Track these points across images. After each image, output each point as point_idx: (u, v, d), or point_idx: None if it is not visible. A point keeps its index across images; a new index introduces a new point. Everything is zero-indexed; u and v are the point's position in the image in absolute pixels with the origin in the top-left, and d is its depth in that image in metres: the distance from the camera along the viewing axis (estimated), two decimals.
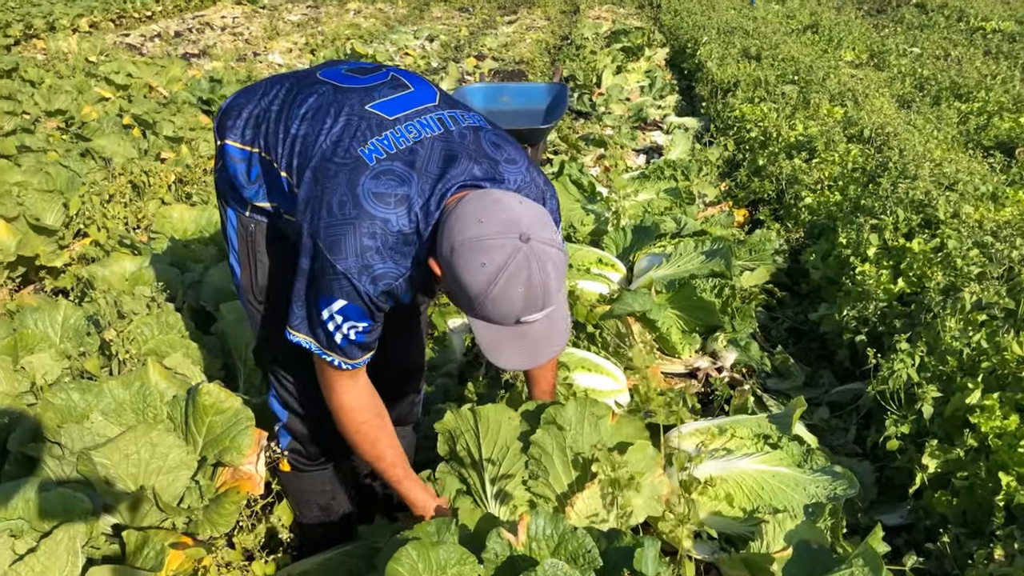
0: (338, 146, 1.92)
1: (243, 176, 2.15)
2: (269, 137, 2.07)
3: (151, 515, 2.31)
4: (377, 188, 1.85)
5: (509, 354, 1.85)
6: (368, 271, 1.85)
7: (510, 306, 1.74)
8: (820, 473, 2.59)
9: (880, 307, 3.60)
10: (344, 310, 1.89)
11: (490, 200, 1.78)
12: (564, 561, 1.85)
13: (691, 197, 5.37)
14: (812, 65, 8.45)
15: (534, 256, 1.71)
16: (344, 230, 1.83)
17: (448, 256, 1.76)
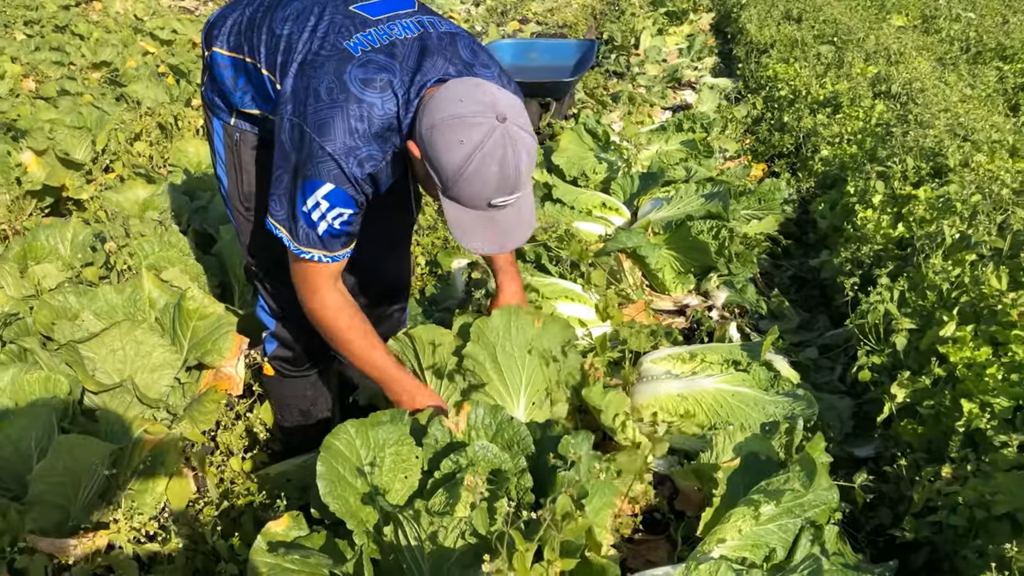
0: (324, 41, 2.02)
1: (230, 82, 2.25)
2: (253, 40, 2.16)
3: (133, 408, 2.47)
4: (364, 75, 1.95)
5: (477, 238, 1.93)
6: (355, 153, 1.93)
7: (482, 186, 1.82)
8: (782, 396, 2.63)
9: (876, 250, 3.58)
10: (331, 195, 1.97)
11: (471, 83, 1.88)
12: (500, 447, 1.94)
13: (709, 150, 5.35)
14: (852, 26, 8.27)
15: (509, 138, 1.79)
16: (332, 113, 1.92)
17: (427, 134, 1.84)
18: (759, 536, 2.07)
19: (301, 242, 2.04)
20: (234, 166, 2.39)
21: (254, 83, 2.21)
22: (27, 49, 7.23)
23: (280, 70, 2.07)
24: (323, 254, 2.06)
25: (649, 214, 4.02)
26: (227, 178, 2.43)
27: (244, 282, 3.06)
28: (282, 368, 2.65)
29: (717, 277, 3.75)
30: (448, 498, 1.75)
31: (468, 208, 1.88)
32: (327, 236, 2.03)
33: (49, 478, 1.97)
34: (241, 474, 2.58)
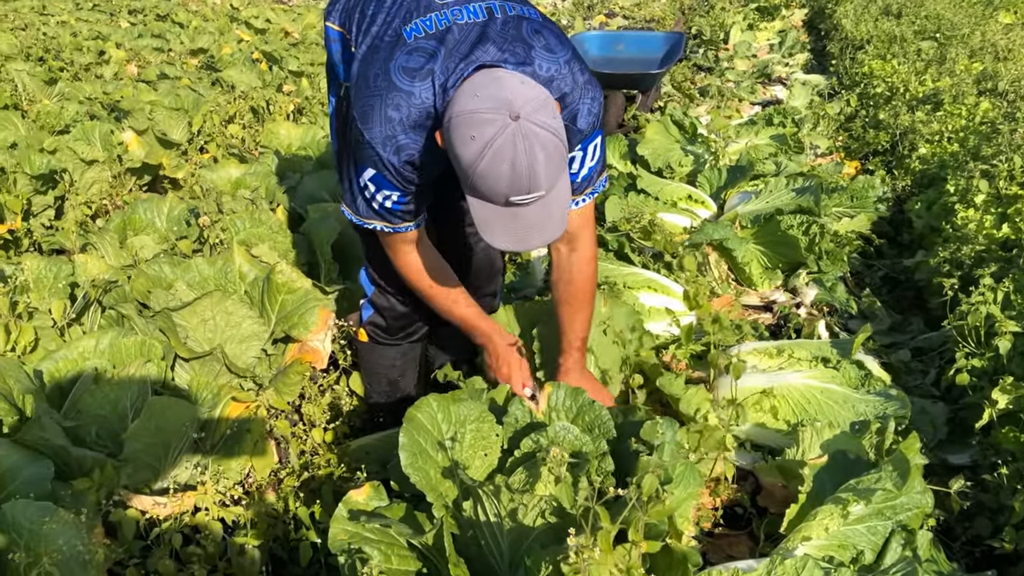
0: (389, 26, 2.05)
1: (337, 56, 2.34)
2: (354, 17, 2.19)
3: (222, 376, 2.53)
4: (407, 63, 1.94)
5: (499, 234, 1.86)
6: (392, 141, 1.95)
7: (496, 183, 1.76)
8: (873, 395, 2.53)
9: (977, 251, 3.42)
10: (374, 179, 2.04)
11: (490, 78, 1.83)
12: (580, 429, 1.92)
13: (800, 146, 5.21)
14: (956, 22, 7.93)
15: (521, 136, 1.71)
16: (374, 102, 1.94)
17: (446, 127, 1.81)
18: (846, 536, 1.99)
19: (362, 214, 2.15)
20: (344, 135, 2.39)
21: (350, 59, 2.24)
22: (131, 36, 7.53)
23: (357, 51, 2.13)
24: (384, 224, 2.15)
25: (736, 207, 3.93)
26: (337, 144, 2.49)
27: (331, 260, 3.11)
28: (375, 335, 2.70)
29: (806, 274, 3.64)
30: (528, 476, 1.73)
31: (488, 203, 1.83)
32: (383, 211, 2.12)
33: (142, 438, 2.03)
34: (323, 445, 2.62)
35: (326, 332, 2.70)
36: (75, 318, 2.57)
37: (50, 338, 2.48)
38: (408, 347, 2.76)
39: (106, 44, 6.93)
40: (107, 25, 8.14)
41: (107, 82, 5.66)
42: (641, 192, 4.07)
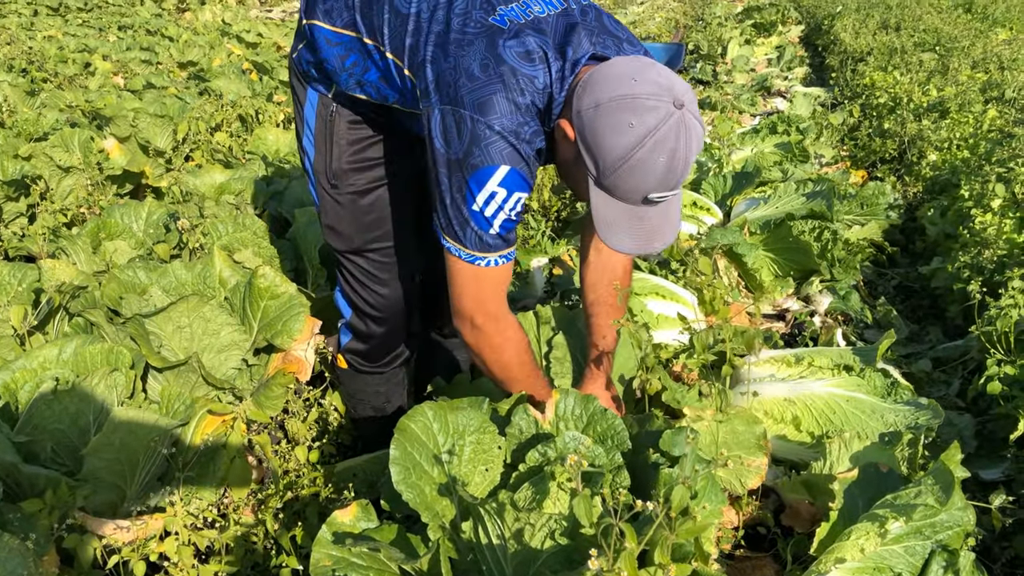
0: (467, 18, 1.81)
1: (337, 61, 2.04)
2: (374, 19, 1.94)
3: (198, 388, 2.34)
4: (519, 47, 1.75)
5: (621, 236, 1.73)
6: (523, 129, 1.73)
7: (645, 177, 1.63)
8: (902, 404, 2.35)
9: (999, 255, 3.26)
10: (507, 179, 1.75)
11: (645, 63, 1.69)
12: (592, 440, 1.73)
13: (805, 154, 5.06)
14: (955, 35, 7.85)
15: (684, 127, 1.60)
16: (494, 88, 1.72)
17: (590, 113, 1.64)
18: (882, 558, 1.80)
19: (474, 247, 1.81)
20: (325, 139, 2.20)
21: (374, 67, 1.99)
22: (118, 49, 7.38)
23: (410, 54, 1.87)
24: (499, 255, 1.84)
25: (744, 213, 3.76)
26: (315, 151, 2.23)
27: (318, 267, 2.93)
28: (355, 362, 2.48)
29: (819, 281, 3.47)
30: (535, 493, 1.55)
31: (619, 201, 1.69)
32: (504, 231, 1.81)
33: (104, 453, 1.84)
34: (307, 464, 2.42)
35: (310, 341, 2.51)
36: (38, 326, 2.37)
37: (9, 347, 2.29)
38: (392, 372, 2.53)
39: (92, 56, 6.77)
40: (95, 39, 7.99)
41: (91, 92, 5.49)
42: None
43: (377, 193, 2.24)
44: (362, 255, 2.29)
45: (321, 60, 2.07)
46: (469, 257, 1.83)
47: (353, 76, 2.03)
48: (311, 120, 2.20)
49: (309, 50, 2.11)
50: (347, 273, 2.36)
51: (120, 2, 14.45)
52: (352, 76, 2.03)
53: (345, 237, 2.28)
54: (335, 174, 2.23)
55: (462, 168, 1.75)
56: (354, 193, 2.22)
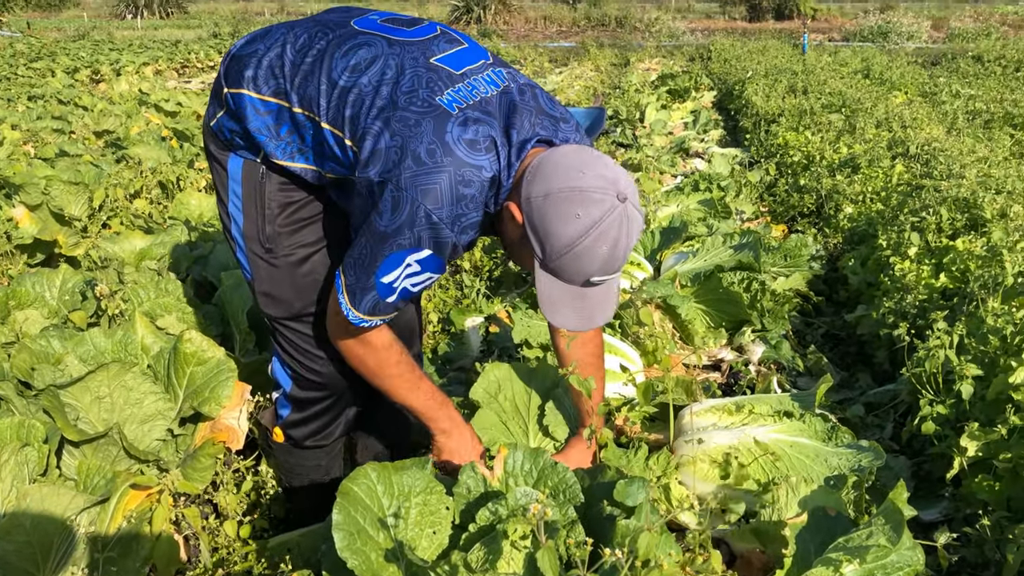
0: (413, 96, 1.81)
1: (268, 130, 1.99)
2: (308, 89, 1.91)
3: (120, 461, 2.20)
4: (466, 135, 1.77)
5: (565, 313, 1.82)
6: (461, 220, 1.77)
7: (589, 264, 1.72)
8: (844, 448, 2.36)
9: (919, 299, 3.36)
10: (426, 260, 1.80)
11: (592, 155, 1.76)
12: (544, 495, 1.67)
13: (727, 210, 5.20)
14: (859, 97, 8.27)
15: (626, 218, 1.70)
16: (438, 178, 1.73)
17: (539, 202, 1.70)
18: None
19: (363, 310, 1.86)
20: (255, 204, 2.12)
21: (306, 136, 1.96)
22: (28, 118, 7.16)
23: (350, 125, 1.85)
24: (383, 318, 1.91)
25: (675, 266, 3.81)
26: (244, 217, 2.14)
27: (246, 331, 2.82)
28: (295, 437, 2.35)
29: (751, 331, 3.52)
30: (488, 553, 1.48)
31: (563, 283, 1.78)
32: (399, 300, 1.86)
33: (14, 536, 1.68)
34: (237, 540, 2.28)
35: (241, 408, 2.40)
36: None
37: None
38: (333, 444, 2.43)
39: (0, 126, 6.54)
40: (2, 109, 7.75)
41: None
42: None
43: (314, 253, 2.17)
44: (301, 320, 2.19)
45: (249, 130, 2.00)
46: (355, 319, 1.87)
47: (292, 145, 1.99)
48: (236, 186, 2.12)
49: (233, 119, 2.03)
50: (285, 341, 2.24)
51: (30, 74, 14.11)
52: (290, 145, 1.99)
53: (283, 303, 2.18)
54: (269, 238, 2.14)
55: (386, 243, 1.78)
56: (290, 256, 2.14)
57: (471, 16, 37.26)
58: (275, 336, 2.25)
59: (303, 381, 2.26)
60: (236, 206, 2.14)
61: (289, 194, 2.10)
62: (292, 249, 2.13)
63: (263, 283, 2.18)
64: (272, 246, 2.15)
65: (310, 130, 1.93)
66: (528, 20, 39.60)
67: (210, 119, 2.12)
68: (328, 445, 2.41)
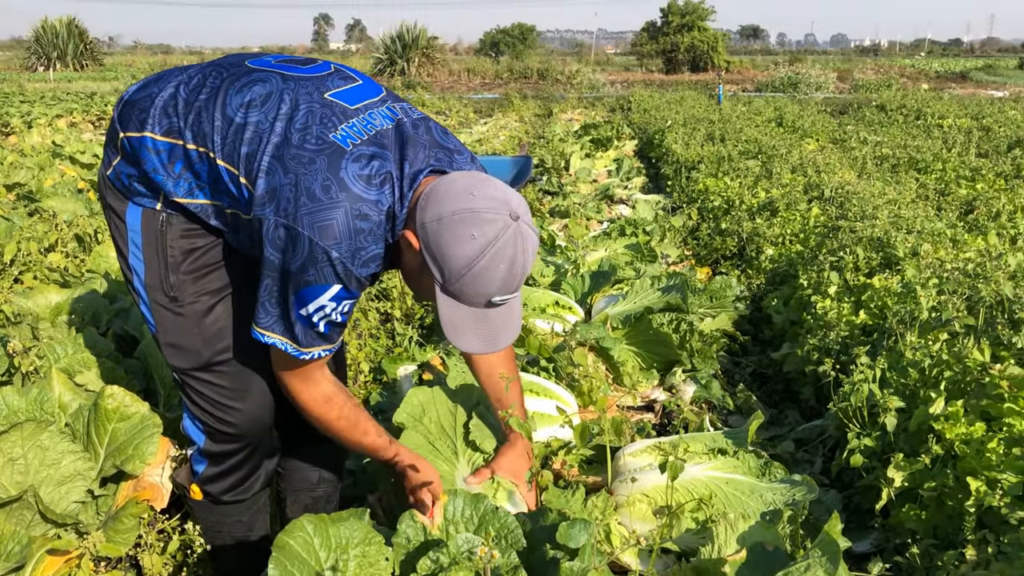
0: (306, 133, 1.82)
1: (164, 168, 1.95)
2: (202, 126, 1.90)
3: (36, 526, 2.08)
4: (361, 171, 1.78)
5: (469, 337, 1.84)
6: (360, 255, 1.78)
7: (488, 283, 1.74)
8: (778, 482, 2.40)
9: (842, 336, 3.47)
10: (338, 295, 1.81)
11: (481, 178, 1.80)
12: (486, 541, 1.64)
13: (653, 255, 5.30)
14: (774, 144, 8.60)
15: (520, 236, 1.73)
16: (334, 215, 1.74)
17: (434, 226, 1.73)
18: None
19: (303, 343, 1.87)
20: (157, 253, 2.05)
21: (201, 173, 1.94)
22: None
23: (245, 162, 1.84)
24: (324, 348, 1.91)
25: (605, 309, 3.86)
26: (145, 266, 2.07)
27: (172, 385, 2.73)
28: (214, 492, 2.25)
29: (681, 372, 3.57)
30: None
31: (464, 305, 1.80)
32: (328, 330, 1.87)
33: None
34: None
35: (165, 464, 2.30)
36: None
37: None
38: (255, 498, 2.34)
39: None
40: None
41: None
42: None
43: (221, 300, 2.11)
44: (211, 370, 2.11)
45: (146, 172, 1.96)
46: (297, 352, 1.87)
47: (182, 184, 1.96)
48: (136, 236, 2.06)
49: (130, 164, 1.99)
50: (195, 394, 2.15)
51: None
52: (185, 181, 1.96)
53: (191, 353, 2.10)
54: (173, 287, 2.07)
55: (291, 281, 1.79)
56: (196, 303, 2.08)
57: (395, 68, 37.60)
58: (184, 389, 2.16)
59: (217, 434, 2.17)
60: (137, 257, 2.07)
61: (192, 240, 2.05)
62: (197, 296, 2.07)
63: (168, 334, 2.10)
64: (177, 294, 2.08)
65: (205, 166, 1.91)
66: (452, 72, 40.18)
67: (106, 168, 2.06)
68: (248, 499, 2.31)
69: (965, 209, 6.07)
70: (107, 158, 2.05)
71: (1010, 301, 3.10)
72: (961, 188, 6.62)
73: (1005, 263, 3.57)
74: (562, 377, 3.27)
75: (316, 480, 2.49)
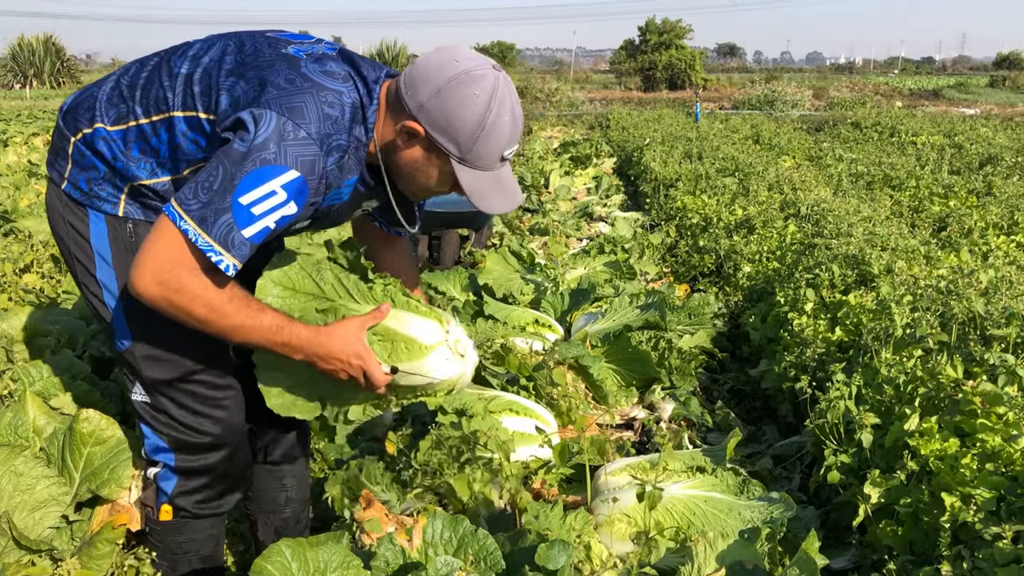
0: (259, 53, 1.87)
1: (123, 155, 1.91)
2: (151, 95, 1.89)
3: (9, 553, 2.05)
4: (321, 68, 1.84)
5: (493, 198, 1.88)
6: (330, 139, 1.78)
7: (500, 137, 1.81)
8: (756, 500, 2.42)
9: (818, 353, 3.51)
10: (291, 185, 1.70)
11: (451, 47, 1.87)
12: (465, 564, 1.65)
13: (632, 272, 5.34)
14: (751, 162, 8.69)
15: (508, 84, 1.83)
16: (303, 98, 1.76)
17: (434, 101, 1.78)
18: None
19: (213, 236, 1.68)
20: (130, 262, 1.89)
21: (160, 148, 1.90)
22: None
23: (202, 98, 1.84)
24: (230, 261, 1.71)
25: (584, 327, 3.88)
26: (118, 278, 1.98)
27: None
28: (191, 507, 2.18)
29: (660, 389, 3.59)
30: None
31: (481, 170, 1.84)
32: (255, 239, 1.72)
33: None
34: None
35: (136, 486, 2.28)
36: None
37: None
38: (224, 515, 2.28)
39: None
40: None
41: None
42: (489, 318, 3.94)
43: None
44: (191, 379, 2.05)
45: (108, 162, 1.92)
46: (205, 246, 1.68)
47: (147, 163, 1.91)
48: (103, 249, 1.98)
49: (85, 167, 1.94)
50: (173, 406, 2.07)
51: None
52: (146, 163, 1.91)
53: (171, 363, 2.03)
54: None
55: (247, 159, 1.67)
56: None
57: None
58: (153, 406, 2.06)
59: (195, 447, 2.10)
60: (106, 271, 1.99)
61: None
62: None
63: (147, 345, 2.01)
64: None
65: (162, 134, 1.89)
66: None
67: (59, 184, 1.98)
68: (223, 514, 2.27)
69: (938, 226, 6.16)
70: (57, 174, 1.99)
71: (982, 318, 3.15)
72: (934, 205, 6.72)
73: (977, 280, 3.63)
74: (542, 396, 3.27)
75: (283, 501, 2.47)
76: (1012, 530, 2.10)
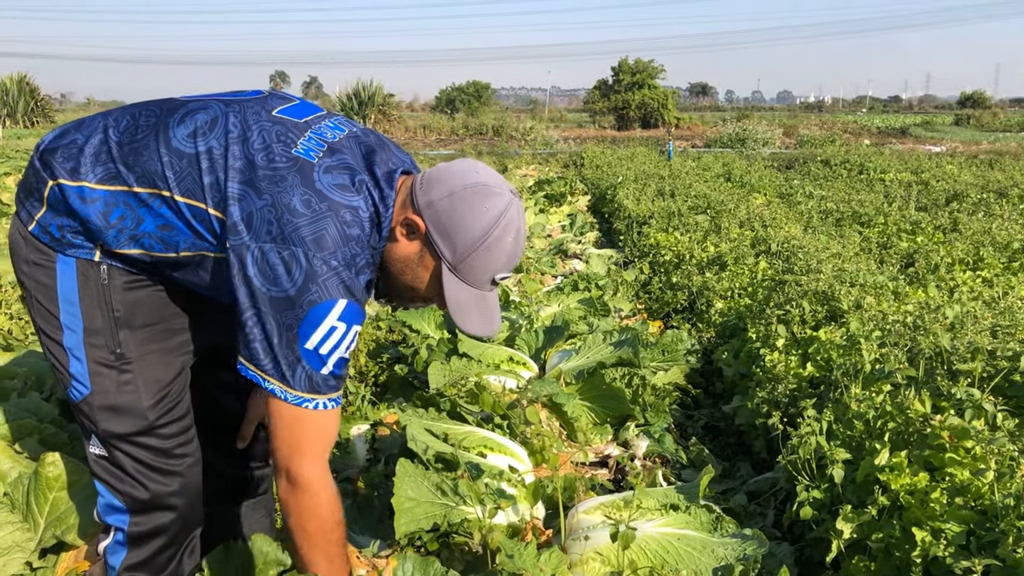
0: (269, 152, 1.76)
1: (99, 219, 1.81)
2: (148, 166, 1.78)
3: None
4: (335, 180, 1.77)
5: (474, 318, 1.85)
6: (356, 260, 1.75)
7: (497, 257, 1.79)
8: (729, 537, 2.42)
9: (790, 389, 3.54)
10: (346, 312, 1.72)
11: (477, 163, 1.89)
12: None
13: (606, 309, 5.37)
14: (722, 200, 8.81)
15: (521, 212, 1.84)
16: (324, 224, 1.70)
17: (445, 203, 1.77)
18: None
19: (303, 388, 1.73)
20: (100, 308, 1.88)
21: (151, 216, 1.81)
22: None
23: (211, 192, 1.75)
24: (329, 398, 1.76)
25: (559, 364, 3.88)
26: (85, 324, 1.89)
27: None
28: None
29: (635, 426, 3.60)
30: None
31: (469, 287, 1.82)
32: (337, 369, 1.76)
33: None
34: None
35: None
36: None
37: None
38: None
39: None
40: None
41: None
42: (464, 356, 3.93)
43: (171, 354, 1.99)
44: (153, 433, 1.95)
45: (82, 220, 1.83)
46: (296, 399, 1.73)
47: (124, 232, 1.82)
48: (70, 292, 1.89)
49: (60, 214, 1.85)
50: (130, 461, 1.95)
51: None
52: (123, 232, 1.82)
53: (133, 416, 1.93)
54: (120, 343, 1.91)
55: (295, 306, 1.68)
56: (144, 360, 1.93)
57: None
58: (110, 464, 1.96)
59: (147, 507, 1.99)
60: (72, 313, 1.89)
61: (136, 292, 1.92)
62: (145, 353, 1.93)
63: (108, 396, 1.91)
64: (124, 351, 1.92)
65: (156, 208, 1.80)
66: (408, 128, 40.53)
67: (26, 224, 1.89)
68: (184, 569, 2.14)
69: (906, 262, 6.27)
70: (26, 213, 1.88)
71: (948, 352, 3.20)
72: (902, 241, 6.84)
73: (943, 315, 3.69)
74: (516, 434, 3.27)
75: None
76: (982, 564, 2.12)
